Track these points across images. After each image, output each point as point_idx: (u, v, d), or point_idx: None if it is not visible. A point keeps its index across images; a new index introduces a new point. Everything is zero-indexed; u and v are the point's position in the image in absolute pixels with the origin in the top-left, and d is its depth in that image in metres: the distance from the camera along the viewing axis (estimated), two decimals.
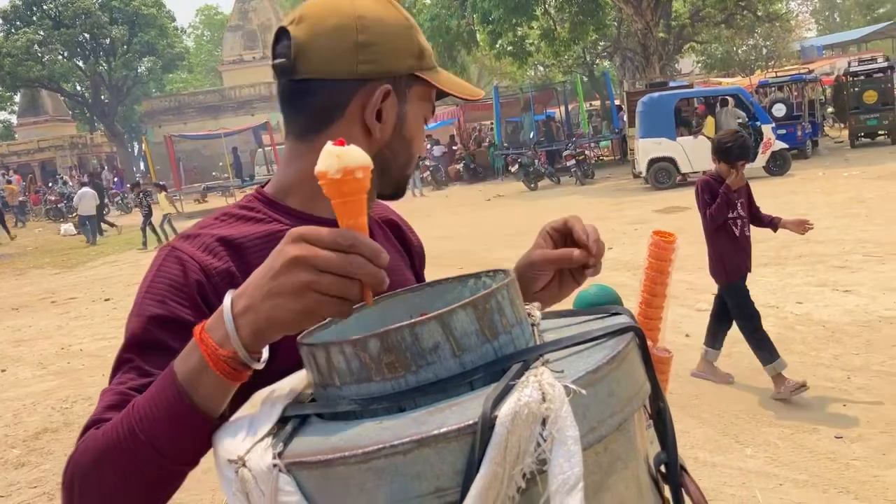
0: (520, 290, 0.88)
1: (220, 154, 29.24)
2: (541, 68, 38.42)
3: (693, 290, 7.18)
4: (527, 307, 0.94)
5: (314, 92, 1.05)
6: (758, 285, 7.19)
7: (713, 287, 7.25)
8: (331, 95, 1.05)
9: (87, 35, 42.77)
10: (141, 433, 0.81)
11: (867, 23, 45.57)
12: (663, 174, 16.14)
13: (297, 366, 0.87)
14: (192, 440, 0.82)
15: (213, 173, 33.90)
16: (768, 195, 13.12)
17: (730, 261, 4.80)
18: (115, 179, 34.22)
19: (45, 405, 6.44)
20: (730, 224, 4.74)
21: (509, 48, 25.69)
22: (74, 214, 21.86)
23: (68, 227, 23.44)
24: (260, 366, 0.81)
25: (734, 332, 4.94)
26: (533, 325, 0.91)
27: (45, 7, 42.24)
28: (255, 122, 32.75)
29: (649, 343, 1.50)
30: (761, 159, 15.47)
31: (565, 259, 1.09)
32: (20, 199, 29.86)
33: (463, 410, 0.70)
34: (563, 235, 1.12)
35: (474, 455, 0.65)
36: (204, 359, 0.79)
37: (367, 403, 0.75)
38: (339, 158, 0.77)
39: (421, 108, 1.12)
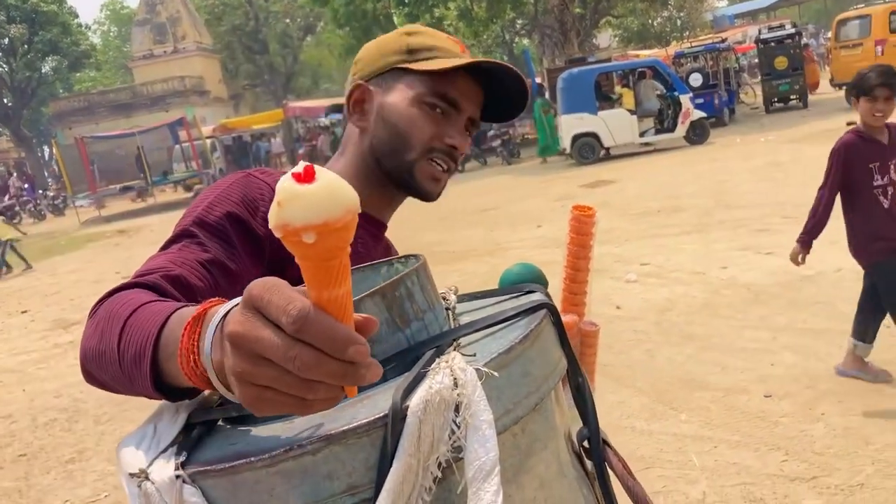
0: (431, 274, 0.85)
1: (136, 153, 28.37)
2: None
3: (621, 262, 7.31)
4: (441, 291, 0.92)
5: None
6: (683, 252, 7.38)
7: (641, 258, 7.45)
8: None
9: None
10: (123, 338, 0.77)
11: None
12: (587, 149, 16.34)
13: None
14: (140, 381, 0.75)
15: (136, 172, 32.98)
16: (689, 164, 13.47)
17: (869, 236, 3.82)
18: (26, 186, 32.73)
19: None
20: (875, 193, 3.75)
21: None
22: None
23: None
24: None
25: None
26: (448, 308, 0.89)
27: None
28: (170, 118, 31.81)
29: (576, 318, 1.50)
30: (681, 129, 15.85)
31: None
32: None
33: (374, 403, 0.68)
34: None
35: (387, 448, 0.63)
36: (178, 347, 0.65)
37: None
38: (280, 207, 0.51)
39: (406, 94, 1.16)
